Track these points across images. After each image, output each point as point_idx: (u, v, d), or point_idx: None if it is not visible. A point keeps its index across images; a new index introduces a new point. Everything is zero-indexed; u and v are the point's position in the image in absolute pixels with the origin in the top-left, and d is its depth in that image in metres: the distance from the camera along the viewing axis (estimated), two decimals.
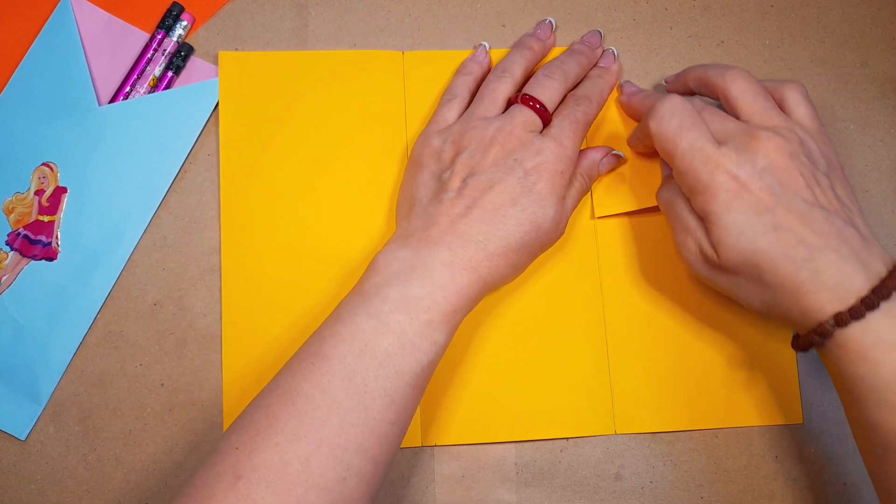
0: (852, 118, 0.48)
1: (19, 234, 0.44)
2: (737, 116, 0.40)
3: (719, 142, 0.38)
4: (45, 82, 0.45)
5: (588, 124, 0.43)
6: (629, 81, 0.47)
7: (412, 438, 0.43)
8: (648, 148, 0.43)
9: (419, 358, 0.36)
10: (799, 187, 0.37)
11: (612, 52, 0.47)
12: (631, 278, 0.45)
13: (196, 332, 0.43)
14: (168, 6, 0.46)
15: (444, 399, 0.43)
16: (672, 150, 0.39)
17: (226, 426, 0.42)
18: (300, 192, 0.45)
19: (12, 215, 0.44)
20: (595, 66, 0.47)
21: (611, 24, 0.48)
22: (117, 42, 0.46)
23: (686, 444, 0.44)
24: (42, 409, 0.42)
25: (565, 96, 0.44)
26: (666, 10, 0.48)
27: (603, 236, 0.45)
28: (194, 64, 0.46)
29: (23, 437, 0.42)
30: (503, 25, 0.48)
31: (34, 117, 0.45)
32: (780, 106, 0.40)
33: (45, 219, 0.44)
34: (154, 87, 0.45)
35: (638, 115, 0.45)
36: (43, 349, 0.43)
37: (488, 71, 0.46)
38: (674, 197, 0.41)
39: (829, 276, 0.35)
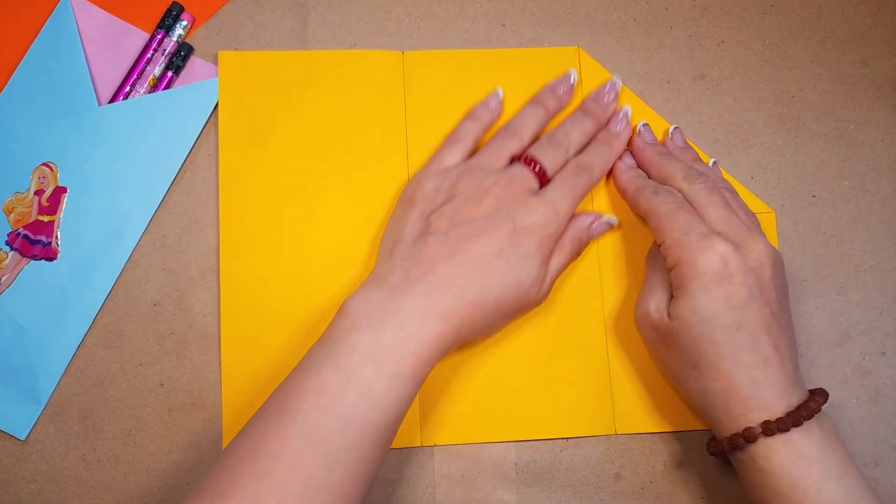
0: (852, 118, 0.48)
1: (19, 234, 0.44)
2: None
3: (714, 230, 0.39)
4: (45, 82, 0.45)
5: (586, 193, 0.43)
6: (648, 127, 0.46)
7: (412, 438, 0.43)
8: None
9: (386, 413, 0.35)
10: (772, 299, 0.38)
11: (626, 113, 0.45)
12: (631, 278, 0.45)
13: (196, 332, 0.43)
14: (168, 6, 0.46)
15: (444, 399, 0.43)
16: (667, 226, 0.40)
17: (225, 426, 0.42)
18: (299, 191, 0.45)
19: (12, 215, 0.44)
20: (606, 127, 0.45)
21: (611, 24, 0.48)
22: (117, 42, 0.46)
23: (686, 444, 0.44)
24: (42, 409, 0.42)
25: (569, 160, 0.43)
26: (666, 10, 0.48)
27: (603, 237, 0.45)
28: (194, 64, 0.46)
29: (23, 437, 0.42)
30: (503, 25, 0.48)
31: (34, 117, 0.44)
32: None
33: (45, 219, 0.44)
34: (154, 87, 0.45)
35: (644, 165, 0.45)
36: (43, 349, 0.43)
37: (497, 118, 0.45)
38: (655, 257, 0.42)
39: (767, 387, 0.37)
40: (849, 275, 0.46)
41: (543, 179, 0.42)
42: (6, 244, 0.44)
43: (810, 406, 0.36)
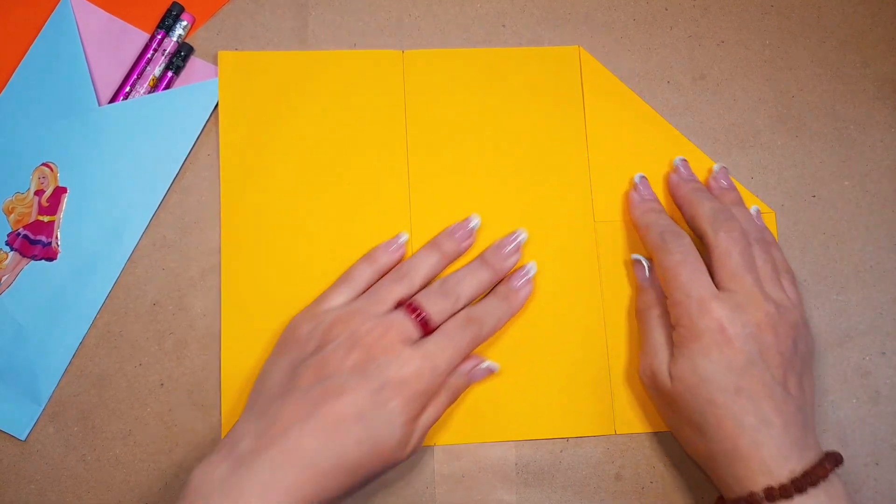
0: (852, 118, 0.48)
1: (19, 234, 0.44)
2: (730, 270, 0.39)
3: (721, 286, 0.39)
4: (45, 82, 0.45)
5: (471, 349, 0.41)
6: (685, 163, 0.45)
7: None
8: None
9: None
10: (774, 364, 0.38)
11: (529, 270, 0.43)
12: (631, 278, 0.45)
13: (196, 332, 0.43)
14: (168, 6, 0.46)
15: None
16: (670, 282, 0.40)
17: (225, 426, 0.42)
18: (300, 191, 0.45)
19: (12, 215, 0.44)
20: (506, 281, 0.43)
21: (611, 24, 0.48)
22: (117, 42, 0.46)
23: None
24: (42, 409, 0.42)
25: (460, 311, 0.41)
26: (666, 10, 0.48)
27: (603, 237, 0.45)
28: (194, 64, 0.46)
29: (23, 438, 0.42)
30: (503, 25, 0.48)
31: (34, 117, 0.45)
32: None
33: (45, 219, 0.44)
34: (154, 87, 0.45)
35: (677, 202, 0.45)
36: (43, 349, 0.43)
37: (398, 262, 0.43)
38: (649, 312, 0.42)
39: (768, 451, 0.36)
40: (849, 275, 0.46)
41: (426, 329, 0.39)
42: (6, 244, 0.44)
43: (815, 472, 0.36)
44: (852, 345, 0.45)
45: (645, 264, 0.43)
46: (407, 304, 0.40)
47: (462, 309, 0.41)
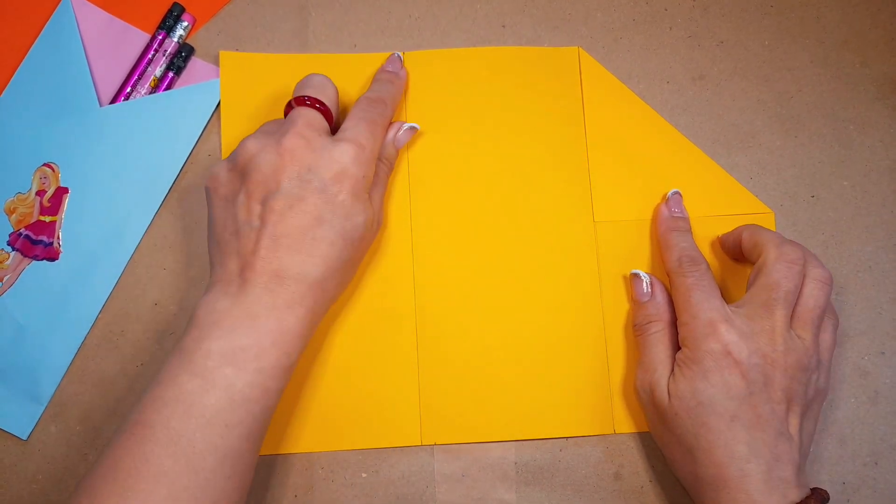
0: (852, 118, 0.48)
1: (21, 234, 0.44)
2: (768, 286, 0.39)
3: (740, 304, 0.39)
4: (46, 83, 0.45)
5: (385, 127, 0.42)
6: (676, 197, 0.45)
7: (412, 437, 0.43)
8: (733, 253, 0.44)
9: (251, 409, 0.35)
10: (776, 399, 0.37)
11: (398, 56, 0.45)
12: (629, 278, 0.45)
13: None
14: (169, 7, 0.46)
15: (445, 398, 0.43)
16: (681, 303, 0.40)
17: None
18: None
19: (14, 216, 0.44)
20: (381, 68, 0.45)
21: (611, 24, 0.48)
22: (118, 43, 0.46)
23: None
24: (43, 409, 0.43)
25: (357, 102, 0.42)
26: (665, 10, 0.48)
27: (603, 237, 0.45)
28: (195, 64, 0.46)
29: (24, 437, 0.42)
30: (503, 26, 0.48)
31: (35, 118, 0.45)
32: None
33: (47, 219, 0.44)
34: (155, 88, 0.46)
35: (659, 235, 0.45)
36: (44, 349, 0.43)
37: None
38: (649, 327, 0.42)
39: (754, 483, 0.36)
40: (848, 275, 0.46)
41: (327, 112, 0.40)
42: (8, 244, 0.44)
43: None
44: (851, 345, 0.45)
45: (644, 279, 0.43)
46: (295, 100, 0.40)
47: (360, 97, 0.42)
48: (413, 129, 0.44)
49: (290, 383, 0.42)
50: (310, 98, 0.40)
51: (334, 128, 0.41)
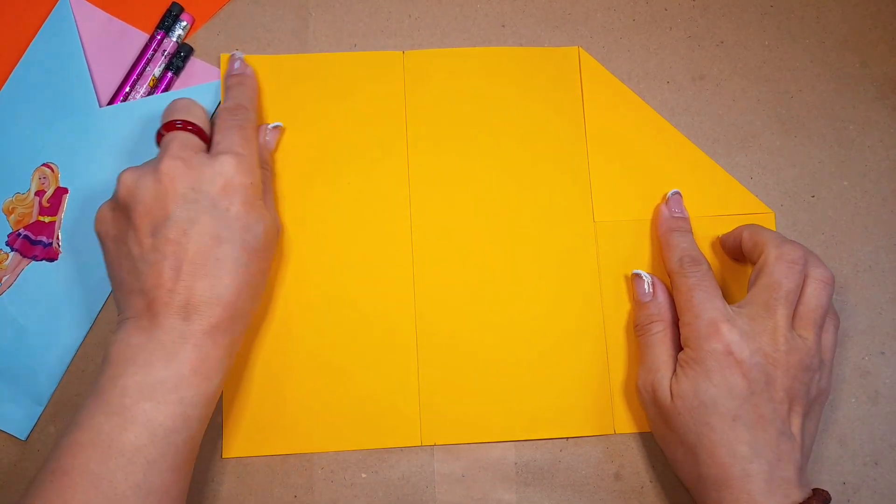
0: (852, 118, 0.48)
1: (20, 234, 0.44)
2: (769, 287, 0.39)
3: (741, 304, 0.39)
4: (45, 82, 0.45)
5: (254, 130, 0.41)
6: (676, 197, 0.45)
7: (412, 438, 0.43)
8: (734, 253, 0.44)
9: (173, 441, 0.34)
10: (778, 399, 0.37)
11: (238, 56, 0.45)
12: (630, 285, 0.45)
13: None
14: (167, 6, 0.46)
15: (444, 399, 0.43)
16: (683, 304, 0.40)
17: (224, 426, 0.42)
18: (300, 192, 0.45)
19: (13, 216, 0.44)
20: (227, 74, 0.44)
21: (610, 24, 0.48)
22: (116, 42, 0.46)
23: None
24: (43, 409, 0.43)
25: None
26: (665, 10, 0.48)
27: (603, 237, 0.45)
28: (194, 64, 0.46)
29: (24, 437, 0.42)
30: (503, 25, 0.48)
31: (34, 118, 0.45)
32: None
33: (46, 219, 0.44)
34: (154, 88, 0.45)
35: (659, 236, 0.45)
36: (43, 349, 0.43)
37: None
38: (650, 327, 0.42)
39: (756, 484, 0.36)
40: (848, 275, 0.46)
41: (200, 132, 0.39)
42: (7, 245, 0.44)
43: None
44: (851, 344, 0.45)
45: (646, 279, 0.43)
46: (164, 126, 0.39)
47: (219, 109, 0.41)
48: (278, 127, 0.44)
49: (290, 384, 0.42)
50: (180, 121, 0.39)
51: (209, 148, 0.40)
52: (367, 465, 0.43)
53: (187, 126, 0.39)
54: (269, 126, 0.44)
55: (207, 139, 0.40)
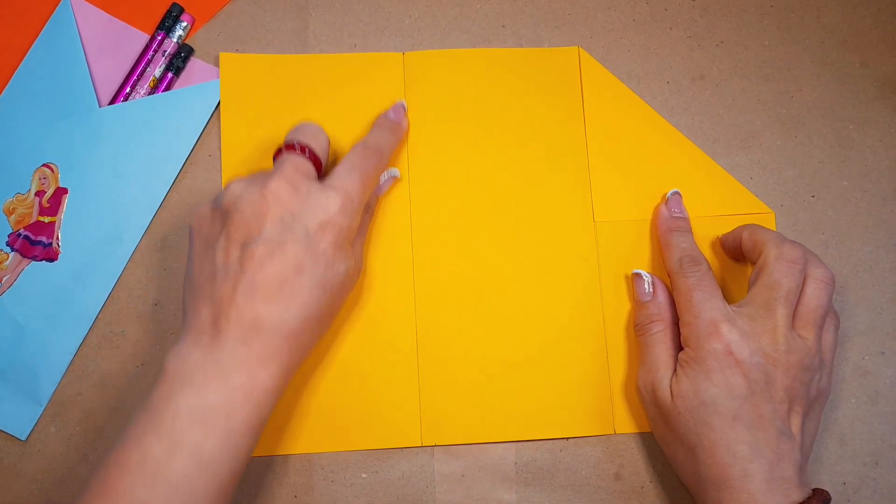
0: (852, 118, 0.48)
1: (20, 234, 0.44)
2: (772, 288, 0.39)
3: (741, 304, 0.39)
4: (46, 83, 0.45)
5: (376, 178, 0.41)
6: (676, 197, 0.45)
7: (412, 438, 0.43)
8: (734, 253, 0.44)
9: (219, 471, 0.33)
10: (778, 399, 0.37)
11: (402, 105, 0.45)
12: (630, 285, 0.45)
13: None
14: (168, 7, 0.46)
15: (445, 399, 0.43)
16: (683, 304, 0.40)
17: None
18: None
19: (13, 216, 0.44)
20: (384, 115, 0.44)
21: (610, 24, 0.48)
22: (117, 43, 0.46)
23: None
24: (43, 409, 0.43)
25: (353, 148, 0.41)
26: (665, 10, 0.48)
27: (603, 236, 0.45)
28: (194, 65, 0.46)
29: (24, 438, 0.42)
30: (503, 26, 0.48)
31: (35, 118, 0.45)
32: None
33: (46, 220, 0.44)
34: (154, 88, 0.45)
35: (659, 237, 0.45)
36: (44, 349, 0.43)
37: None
38: (650, 326, 0.42)
39: (756, 484, 0.36)
40: (848, 275, 0.46)
41: (316, 160, 0.39)
42: (7, 245, 0.44)
43: None
44: (851, 344, 0.45)
45: (646, 279, 0.43)
46: (286, 146, 0.39)
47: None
48: (394, 177, 0.44)
49: (290, 384, 0.42)
50: (300, 144, 0.39)
51: (322, 177, 0.40)
52: (367, 465, 0.43)
53: (304, 150, 0.39)
54: (388, 175, 0.44)
55: (321, 170, 0.40)
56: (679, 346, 0.41)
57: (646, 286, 0.43)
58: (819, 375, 0.39)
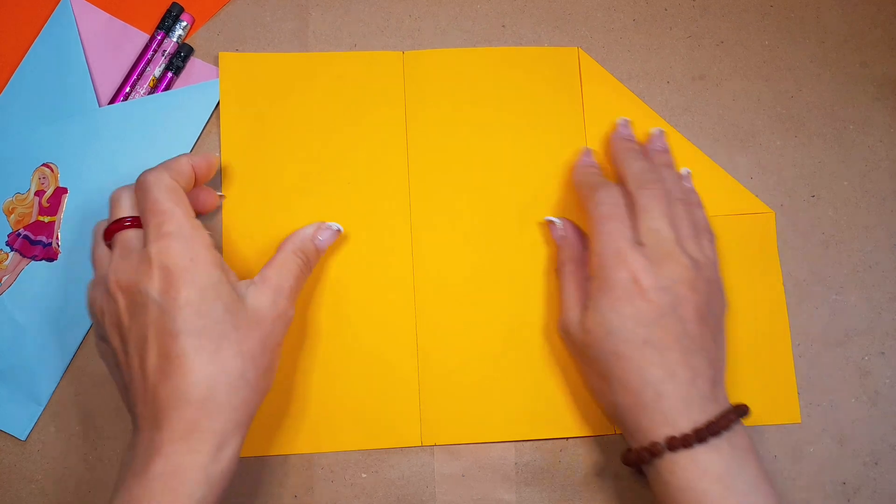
0: (852, 118, 0.48)
1: (20, 234, 0.44)
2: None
3: (641, 241, 0.39)
4: (46, 83, 0.45)
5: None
6: (626, 123, 0.45)
7: (412, 438, 0.43)
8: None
9: None
10: (689, 318, 0.38)
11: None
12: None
13: None
14: (168, 7, 0.46)
15: (444, 399, 0.43)
16: (594, 233, 0.40)
17: None
18: (301, 192, 0.45)
19: (12, 216, 0.44)
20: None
21: (611, 24, 0.48)
22: (117, 43, 0.46)
23: None
24: (42, 409, 0.43)
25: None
26: (666, 10, 0.48)
27: None
28: (194, 64, 0.46)
29: (23, 438, 0.42)
30: (503, 25, 0.48)
31: (34, 118, 0.45)
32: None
33: (46, 219, 0.44)
34: (154, 88, 0.45)
35: (612, 159, 0.45)
36: (43, 349, 0.43)
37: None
38: (564, 268, 0.42)
39: (670, 403, 0.36)
40: (848, 275, 0.46)
41: (137, 224, 0.37)
42: (6, 245, 0.44)
43: (717, 423, 0.36)
44: (851, 344, 0.45)
45: (557, 223, 0.44)
46: (107, 230, 0.37)
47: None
48: (338, 231, 0.43)
49: (290, 384, 0.42)
50: (117, 223, 0.37)
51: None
52: (367, 465, 0.43)
53: (124, 224, 0.37)
54: (333, 227, 0.43)
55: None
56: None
57: (557, 229, 0.44)
58: (716, 288, 0.40)
